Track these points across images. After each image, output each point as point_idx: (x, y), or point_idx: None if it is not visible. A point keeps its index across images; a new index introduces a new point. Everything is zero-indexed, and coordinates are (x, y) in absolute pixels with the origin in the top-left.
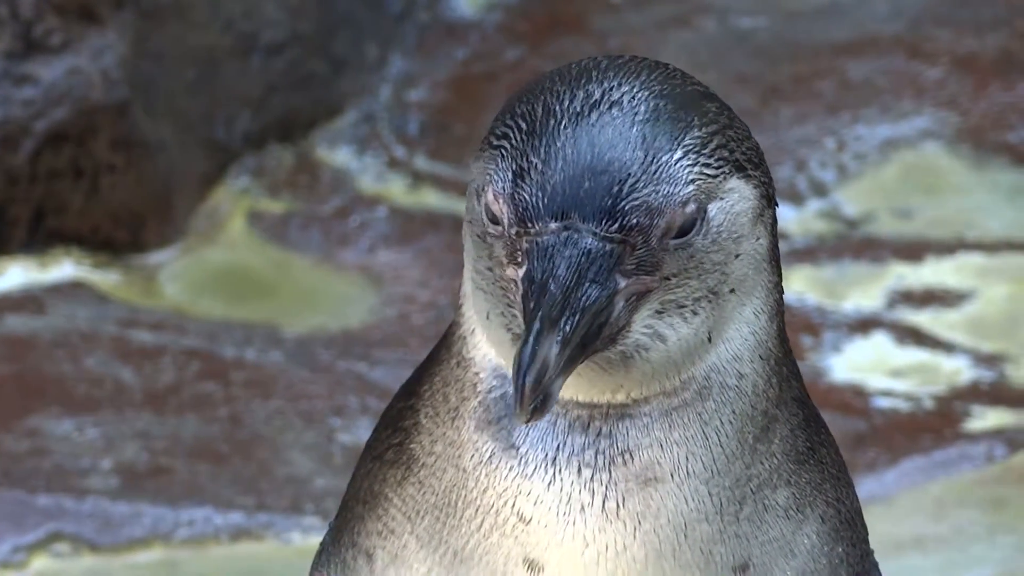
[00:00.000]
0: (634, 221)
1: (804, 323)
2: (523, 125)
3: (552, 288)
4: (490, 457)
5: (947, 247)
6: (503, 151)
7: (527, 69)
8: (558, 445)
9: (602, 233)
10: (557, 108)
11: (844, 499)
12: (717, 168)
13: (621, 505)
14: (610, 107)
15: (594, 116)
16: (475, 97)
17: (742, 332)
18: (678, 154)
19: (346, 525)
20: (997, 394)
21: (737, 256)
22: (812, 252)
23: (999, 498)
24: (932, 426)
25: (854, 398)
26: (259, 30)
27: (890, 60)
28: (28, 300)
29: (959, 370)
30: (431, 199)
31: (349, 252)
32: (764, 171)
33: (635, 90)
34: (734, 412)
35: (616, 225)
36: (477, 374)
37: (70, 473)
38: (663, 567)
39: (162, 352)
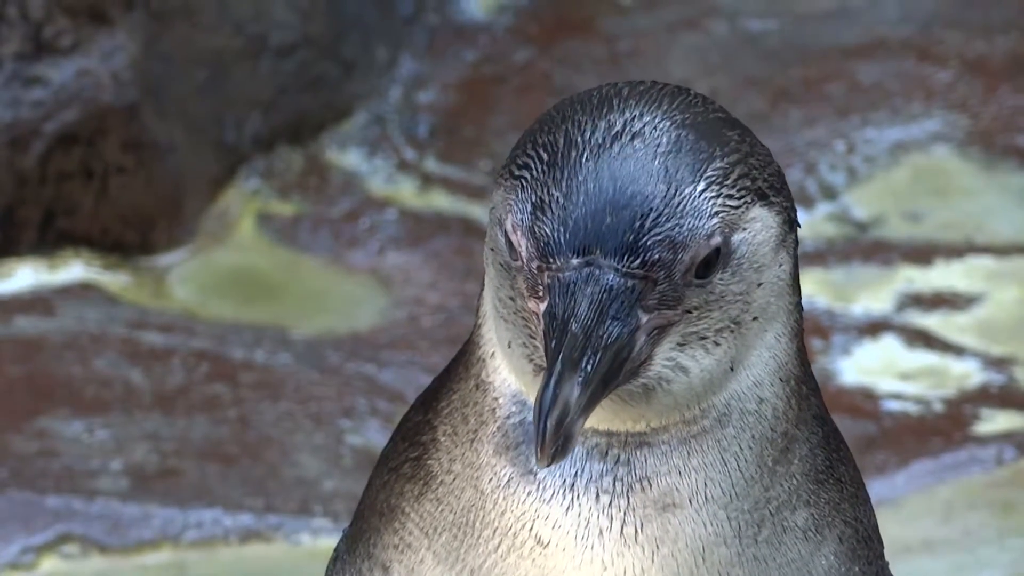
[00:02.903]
0: (656, 256)
1: (814, 326)
2: (544, 156)
3: (573, 328)
4: (508, 481)
5: (956, 250)
6: (523, 182)
7: (537, 71)
8: (576, 472)
9: (624, 269)
10: (579, 139)
11: (862, 517)
12: (740, 198)
13: (639, 530)
14: (632, 138)
15: (616, 148)
16: (485, 99)
17: (763, 357)
18: (701, 186)
19: (362, 536)
20: (1006, 397)
21: (759, 285)
22: (821, 255)
23: (1008, 501)
24: (941, 429)
25: (864, 401)
26: (269, 32)
27: (900, 63)
28: (38, 301)
29: (968, 373)
30: (441, 201)
31: (358, 254)
32: (786, 195)
33: (657, 120)
34: (753, 437)
35: (638, 261)
36: (496, 399)
37: (79, 474)
38: None
39: (171, 354)
